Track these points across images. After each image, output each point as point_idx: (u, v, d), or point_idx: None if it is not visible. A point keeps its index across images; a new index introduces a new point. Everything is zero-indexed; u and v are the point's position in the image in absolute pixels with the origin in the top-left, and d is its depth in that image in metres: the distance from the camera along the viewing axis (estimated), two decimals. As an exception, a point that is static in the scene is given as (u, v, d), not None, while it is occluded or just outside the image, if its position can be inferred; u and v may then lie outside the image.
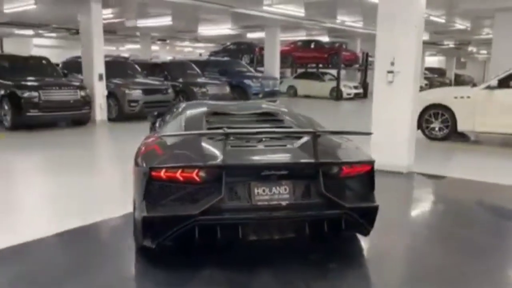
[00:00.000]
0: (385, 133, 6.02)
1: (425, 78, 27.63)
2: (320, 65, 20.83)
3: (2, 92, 9.18)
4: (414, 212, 4.82)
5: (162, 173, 2.81)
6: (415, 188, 5.73)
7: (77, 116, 9.92)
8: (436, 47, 27.57)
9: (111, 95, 10.89)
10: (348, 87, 19.49)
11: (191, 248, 3.11)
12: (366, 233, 3.24)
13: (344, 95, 19.37)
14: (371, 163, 3.13)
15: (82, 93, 9.78)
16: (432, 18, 14.28)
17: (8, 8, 12.85)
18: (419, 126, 8.68)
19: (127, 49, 28.93)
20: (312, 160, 2.92)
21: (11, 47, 21.95)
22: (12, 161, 6.76)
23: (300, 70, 22.28)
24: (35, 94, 9.00)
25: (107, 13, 13.48)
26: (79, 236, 3.69)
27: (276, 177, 2.87)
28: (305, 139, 3.16)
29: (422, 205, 5.09)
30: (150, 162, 2.90)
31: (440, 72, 32.27)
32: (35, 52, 21.88)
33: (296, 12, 13.16)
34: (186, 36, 22.30)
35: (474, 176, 5.84)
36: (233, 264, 3.06)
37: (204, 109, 3.93)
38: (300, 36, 20.87)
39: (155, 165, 2.85)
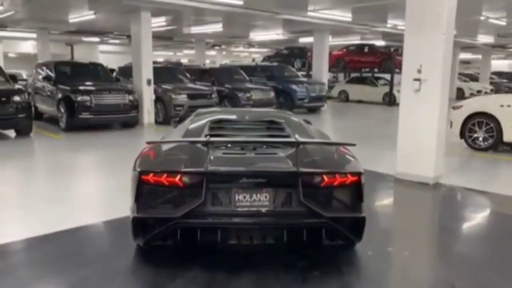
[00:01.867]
0: (412, 142, 5.89)
1: (492, 83, 26.01)
2: (375, 70, 20.35)
3: (60, 96, 10.01)
4: (410, 224, 4.61)
5: (150, 177, 3.02)
6: (434, 201, 5.49)
7: (125, 119, 10.57)
8: (504, 50, 25.89)
9: (158, 99, 11.46)
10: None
11: (180, 249, 3.29)
12: (352, 243, 3.26)
13: (398, 100, 18.73)
14: (356, 174, 3.13)
15: (131, 98, 10.41)
16: (491, 20, 13.53)
17: (72, 18, 13.96)
18: (462, 135, 8.31)
19: (184, 55, 30.06)
20: (290, 169, 2.99)
21: (80, 53, 23.74)
22: (68, 159, 7.38)
23: (353, 75, 21.95)
24: (87, 98, 9.73)
25: (160, 21, 14.20)
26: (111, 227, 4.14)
27: (257, 184, 2.97)
28: (295, 150, 3.22)
29: (425, 219, 4.89)
30: (141, 167, 3.13)
31: (510, 76, 30.13)
32: (101, 57, 23.52)
33: (343, 17, 13.04)
34: (239, 41, 22.77)
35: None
36: (219, 267, 3.20)
37: (210, 117, 4.11)
38: (354, 40, 20.53)
39: (144, 169, 3.08)
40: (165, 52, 28.71)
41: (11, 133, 9.26)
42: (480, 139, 8.07)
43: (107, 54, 24.13)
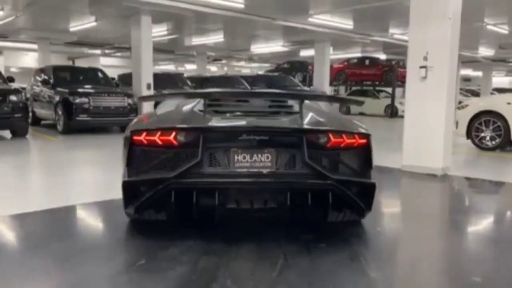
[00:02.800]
0: (418, 132, 5.68)
1: (493, 98, 25.93)
2: (376, 83, 20.31)
3: (58, 98, 9.85)
4: (420, 208, 4.36)
5: (143, 137, 2.80)
6: (443, 189, 5.20)
7: (124, 122, 10.25)
8: (505, 65, 25.88)
9: (158, 103, 11.28)
10: (404, 104, 18.77)
11: (174, 223, 3.05)
12: (361, 213, 3.00)
13: (400, 112, 18.65)
14: (365, 136, 2.91)
15: (130, 101, 10.23)
16: (492, 28, 13.43)
17: (74, 26, 13.94)
18: (469, 135, 8.09)
19: (186, 70, 30.10)
20: (294, 126, 2.77)
21: (81, 67, 23.73)
22: (61, 156, 7.20)
23: (355, 88, 21.91)
24: (85, 100, 9.57)
25: (161, 30, 14.19)
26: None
27: (258, 142, 2.73)
28: (298, 114, 2.97)
29: (435, 203, 4.65)
30: (134, 127, 2.92)
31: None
32: (102, 71, 23.49)
33: (344, 25, 13.00)
34: (241, 55, 22.79)
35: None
36: (216, 238, 2.95)
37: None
38: (355, 53, 20.60)
39: (136, 128, 2.86)
40: (167, 67, 28.74)
41: (7, 134, 9.07)
42: (487, 138, 7.84)
43: (109, 68, 24.00)
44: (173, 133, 2.74)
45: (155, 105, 11.17)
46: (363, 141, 2.91)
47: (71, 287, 2.26)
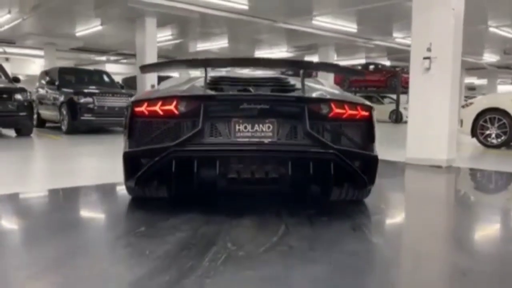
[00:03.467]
0: (423, 124, 5.64)
1: (498, 105, 25.79)
2: (380, 89, 20.33)
3: (62, 98, 9.90)
4: (425, 194, 4.33)
5: (144, 108, 2.79)
6: (448, 178, 5.12)
7: (128, 122, 10.38)
8: (510, 72, 25.83)
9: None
10: (408, 110, 18.73)
11: (175, 199, 3.04)
12: (363, 188, 2.95)
13: (404, 118, 18.63)
14: (367, 108, 2.89)
15: (134, 101, 10.27)
16: (496, 30, 13.43)
17: (79, 31, 14.09)
18: (474, 133, 8.03)
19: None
20: (295, 95, 2.75)
21: (87, 75, 23.88)
22: (64, 150, 7.25)
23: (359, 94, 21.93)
24: (90, 99, 9.61)
25: (166, 35, 14.31)
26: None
27: (259, 112, 2.71)
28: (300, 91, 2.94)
29: (440, 190, 4.59)
30: (134, 99, 2.91)
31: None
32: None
33: (348, 28, 13.06)
34: (245, 62, 22.91)
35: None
36: (217, 212, 2.93)
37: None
38: (359, 58, 20.68)
39: (138, 99, 2.86)
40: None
41: (12, 133, 9.11)
42: (493, 135, 7.78)
43: (114, 75, 24.26)
44: (174, 103, 2.72)
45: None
46: (366, 113, 2.88)
47: (71, 249, 2.23)
